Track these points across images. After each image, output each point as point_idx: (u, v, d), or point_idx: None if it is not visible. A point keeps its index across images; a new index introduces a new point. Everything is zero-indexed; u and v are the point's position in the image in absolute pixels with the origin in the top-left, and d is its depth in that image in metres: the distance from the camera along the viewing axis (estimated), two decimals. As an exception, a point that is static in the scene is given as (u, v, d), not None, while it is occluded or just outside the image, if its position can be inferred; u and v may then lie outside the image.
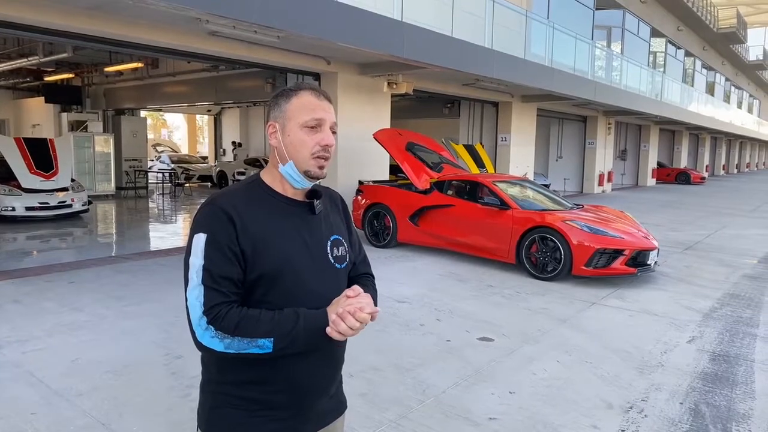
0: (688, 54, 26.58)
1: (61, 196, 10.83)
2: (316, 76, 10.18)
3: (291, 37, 7.39)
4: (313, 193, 1.42)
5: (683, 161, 30.47)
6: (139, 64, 14.11)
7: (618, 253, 6.52)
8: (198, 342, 1.24)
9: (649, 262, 6.72)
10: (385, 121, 10.84)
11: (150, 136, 30.13)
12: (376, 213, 8.73)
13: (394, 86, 10.04)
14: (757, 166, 54.62)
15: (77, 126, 16.69)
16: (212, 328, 1.22)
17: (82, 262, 7.25)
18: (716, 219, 12.99)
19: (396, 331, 4.81)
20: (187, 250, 1.28)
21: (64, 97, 17.63)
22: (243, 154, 21.27)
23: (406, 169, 8.51)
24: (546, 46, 13.10)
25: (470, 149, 13.11)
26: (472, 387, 3.73)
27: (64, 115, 17.05)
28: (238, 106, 22.43)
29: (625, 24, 19.29)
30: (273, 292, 1.29)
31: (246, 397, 1.31)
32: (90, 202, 11.69)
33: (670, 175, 27.39)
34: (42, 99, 17.46)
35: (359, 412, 3.30)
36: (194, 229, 1.29)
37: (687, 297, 6.15)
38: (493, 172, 13.18)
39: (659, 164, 27.36)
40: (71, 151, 13.32)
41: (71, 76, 16.65)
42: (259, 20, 6.49)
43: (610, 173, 21.61)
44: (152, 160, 21.68)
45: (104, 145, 15.77)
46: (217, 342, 1.22)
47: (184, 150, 32.09)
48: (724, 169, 40.50)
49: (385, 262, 7.62)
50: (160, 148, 28.44)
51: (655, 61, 22.92)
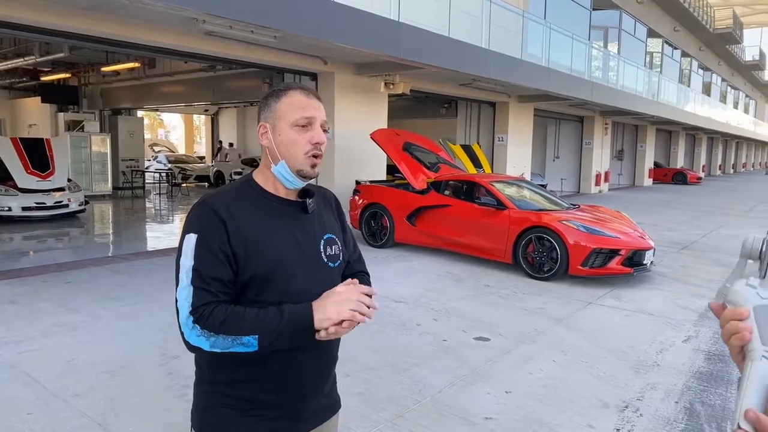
0: (684, 54, 26.67)
1: (57, 196, 10.81)
2: (313, 76, 10.18)
3: (288, 37, 7.39)
4: (306, 192, 1.42)
5: (680, 161, 30.55)
6: (136, 64, 14.08)
7: (614, 253, 6.53)
8: (186, 341, 1.25)
9: (645, 262, 6.74)
10: (382, 121, 10.85)
11: (147, 136, 30.07)
12: (373, 213, 8.73)
13: (391, 86, 10.05)
14: (753, 166, 54.79)
15: (74, 126, 16.64)
16: (198, 327, 1.22)
17: (79, 263, 7.23)
18: (712, 219, 13.03)
19: (392, 331, 4.81)
20: (179, 250, 1.29)
21: (60, 96, 17.59)
22: (234, 154, 21.21)
23: (403, 169, 8.51)
24: (543, 47, 13.12)
25: (467, 149, 13.12)
26: (469, 387, 3.74)
27: (61, 115, 17.00)
28: (235, 107, 22.42)
29: (622, 24, 19.36)
30: (266, 292, 1.29)
31: (238, 396, 1.31)
32: (87, 202, 11.66)
33: (667, 175, 27.46)
34: (38, 99, 17.42)
35: (356, 411, 3.30)
36: (185, 229, 1.29)
37: (683, 297, 6.17)
38: (490, 172, 13.20)
39: (656, 164, 27.43)
40: (68, 151, 13.30)
41: (68, 75, 16.61)
42: (255, 20, 6.50)
43: (606, 173, 21.65)
44: (149, 160, 21.65)
45: (101, 145, 15.75)
46: (203, 341, 1.22)
47: (181, 150, 32.04)
48: (720, 169, 40.62)
49: (382, 262, 7.63)
50: (157, 148, 28.41)
51: (651, 61, 22.99)
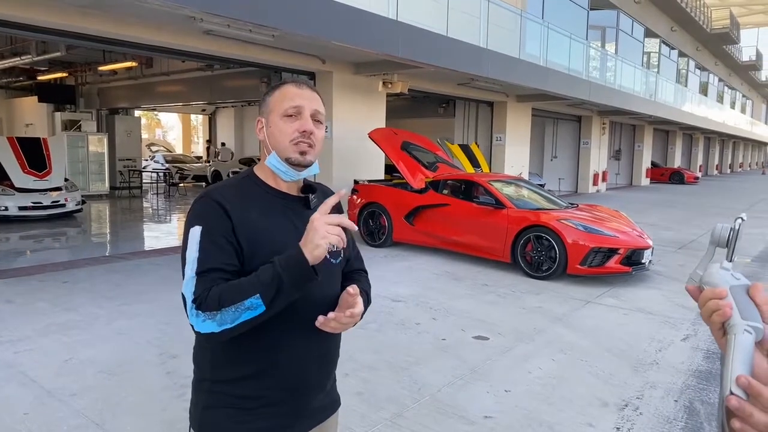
0: (681, 54, 26.72)
1: (54, 195, 10.77)
2: (311, 75, 10.16)
3: (286, 36, 7.37)
4: (308, 188, 1.41)
5: (677, 161, 30.61)
6: (133, 64, 14.04)
7: (613, 251, 6.53)
8: (197, 332, 1.21)
9: (643, 261, 6.74)
10: (380, 121, 10.83)
11: (144, 135, 29.98)
12: (371, 212, 8.72)
13: (389, 86, 10.03)
14: (750, 166, 54.94)
15: (71, 125, 16.59)
16: (201, 312, 1.18)
17: (76, 262, 7.20)
18: (709, 218, 13.05)
19: (391, 330, 4.80)
20: (184, 245, 1.27)
21: (57, 96, 17.53)
22: (227, 153, 21.16)
23: (402, 168, 8.50)
24: (541, 46, 13.13)
25: (465, 149, 13.12)
26: (468, 386, 3.73)
27: (58, 114, 16.94)
28: (232, 106, 22.35)
29: (619, 24, 19.38)
30: None
31: (241, 395, 1.30)
32: (83, 202, 11.63)
33: (664, 175, 27.51)
34: (35, 98, 17.35)
35: (355, 411, 3.29)
36: (189, 222, 1.27)
37: (681, 295, 6.16)
38: (488, 171, 13.19)
39: (653, 164, 27.47)
40: (65, 150, 13.27)
41: (65, 75, 16.55)
42: (253, 19, 6.48)
43: (604, 173, 21.68)
44: (146, 160, 21.59)
45: (98, 144, 15.71)
46: (210, 324, 1.18)
47: (179, 150, 31.97)
48: (717, 168, 40.72)
49: (380, 262, 7.61)
50: (154, 148, 28.34)
51: (649, 61, 23.03)
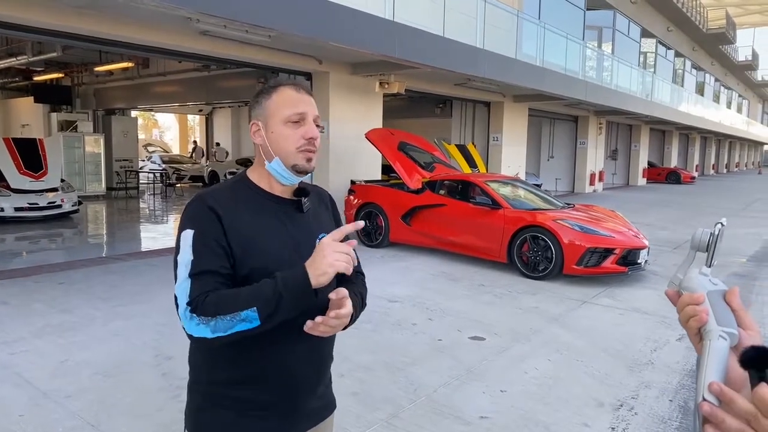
0: (678, 54, 26.79)
1: (50, 196, 10.74)
2: (308, 75, 10.15)
3: (282, 36, 7.37)
4: (301, 191, 1.41)
5: (673, 161, 30.69)
6: (130, 64, 14.01)
7: (609, 252, 6.55)
8: (189, 335, 1.21)
9: (639, 261, 6.76)
10: (377, 121, 10.84)
11: (141, 136, 29.92)
12: (368, 213, 8.72)
13: (386, 86, 10.03)
14: (746, 166, 55.12)
15: (67, 126, 16.55)
16: (195, 316, 1.18)
17: (72, 263, 7.19)
18: (706, 218, 13.08)
19: (388, 331, 4.81)
20: (176, 248, 1.27)
21: (53, 96, 17.48)
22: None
23: (398, 168, 8.51)
24: (537, 46, 13.15)
25: (462, 149, 13.13)
26: (464, 386, 3.74)
27: (54, 115, 16.90)
28: (229, 106, 22.34)
29: (616, 24, 19.42)
30: None
31: (237, 397, 1.30)
32: (80, 203, 11.60)
33: (661, 175, 27.58)
34: (31, 99, 17.29)
35: (351, 411, 3.29)
36: (182, 226, 1.28)
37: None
38: (485, 171, 13.21)
39: (650, 164, 27.54)
40: (61, 151, 13.24)
41: (61, 75, 16.50)
42: (250, 20, 6.47)
43: (601, 173, 21.72)
44: (143, 161, 21.55)
45: (94, 145, 15.67)
46: (203, 329, 1.18)
47: (176, 150, 31.91)
48: (713, 168, 40.82)
49: (377, 262, 7.62)
50: (151, 149, 28.27)
51: (645, 61, 23.08)
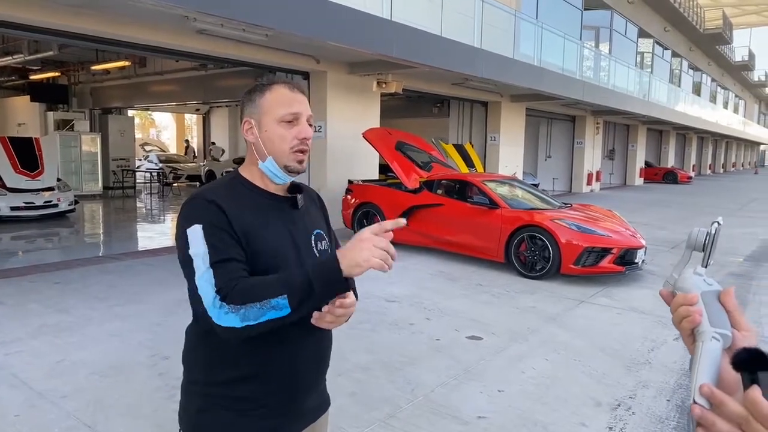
0: (674, 54, 26.85)
1: (46, 195, 10.70)
2: (305, 75, 10.14)
3: (279, 35, 7.35)
4: (295, 187, 1.42)
5: (670, 161, 30.76)
6: (126, 63, 13.97)
7: (606, 251, 6.55)
8: (217, 325, 1.17)
9: (636, 261, 6.76)
10: (374, 121, 10.82)
11: (138, 135, 29.86)
12: (365, 212, 8.71)
13: (384, 85, 10.02)
14: (742, 166, 55.28)
15: (63, 125, 16.48)
16: (225, 305, 1.15)
17: (68, 263, 7.16)
18: (702, 218, 13.10)
19: (385, 331, 4.80)
20: (184, 246, 1.23)
21: (49, 95, 17.42)
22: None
23: (396, 168, 8.50)
24: (535, 46, 13.16)
25: (460, 149, 13.14)
26: (461, 386, 3.73)
27: (50, 114, 16.84)
28: (227, 106, 22.28)
29: (613, 24, 19.46)
30: None
31: (236, 396, 1.29)
32: (76, 202, 11.56)
33: (658, 175, 27.64)
34: (27, 98, 17.22)
35: (348, 411, 3.28)
36: (185, 223, 1.24)
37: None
38: (483, 171, 13.21)
39: (647, 164, 27.59)
40: (57, 150, 13.19)
41: (57, 74, 16.44)
42: (247, 18, 6.45)
43: (598, 173, 21.75)
44: (140, 160, 21.49)
45: (91, 144, 15.61)
46: (233, 317, 1.15)
47: (173, 149, 31.85)
48: (710, 168, 40.93)
49: (374, 262, 7.60)
50: (148, 148, 28.22)
51: (642, 61, 23.13)
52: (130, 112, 22.13)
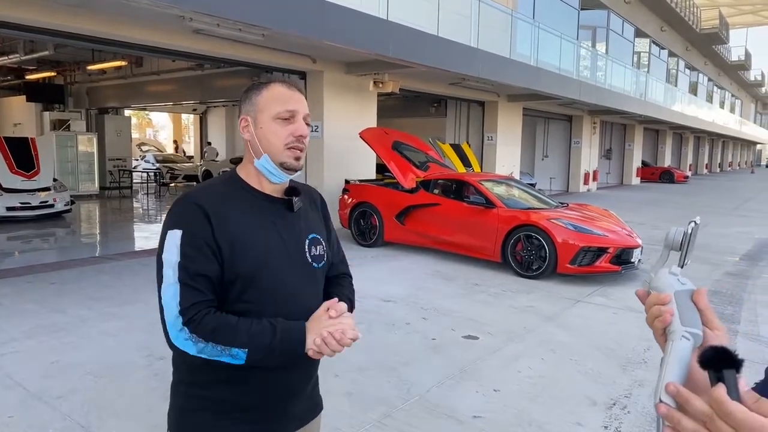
0: (671, 54, 26.90)
1: (42, 195, 10.67)
2: (302, 74, 10.13)
3: (276, 35, 7.34)
4: (292, 190, 1.39)
5: (667, 160, 30.83)
6: (123, 63, 13.94)
7: (602, 251, 6.56)
8: (171, 343, 1.20)
9: (633, 260, 6.77)
10: (371, 120, 10.82)
11: (136, 135, 29.80)
12: (362, 212, 8.70)
13: (380, 85, 10.01)
14: (739, 165, 55.43)
15: (60, 125, 16.45)
16: (187, 330, 1.18)
17: (64, 263, 7.14)
18: (699, 217, 13.12)
19: (381, 330, 4.79)
20: (160, 246, 1.24)
21: (46, 95, 17.38)
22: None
23: (393, 168, 8.50)
24: (532, 46, 13.17)
25: (457, 148, 13.14)
26: (457, 385, 3.73)
27: (46, 114, 16.80)
28: (223, 105, 22.27)
29: (610, 24, 19.48)
30: (250, 291, 1.26)
31: (217, 398, 1.28)
32: (72, 202, 11.52)
33: (655, 174, 27.70)
34: (23, 97, 17.18)
35: (343, 411, 3.28)
36: (168, 225, 1.25)
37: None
38: (480, 171, 13.21)
39: (644, 163, 27.65)
40: (53, 150, 13.15)
41: (53, 74, 16.41)
42: (242, 18, 6.44)
43: (595, 172, 21.78)
44: (137, 160, 21.45)
45: (87, 144, 15.59)
46: (190, 345, 1.18)
47: (170, 149, 31.77)
48: (707, 168, 41.03)
49: (371, 261, 7.61)
50: (145, 148, 28.16)
51: (639, 61, 23.17)
52: (127, 112, 22.08)
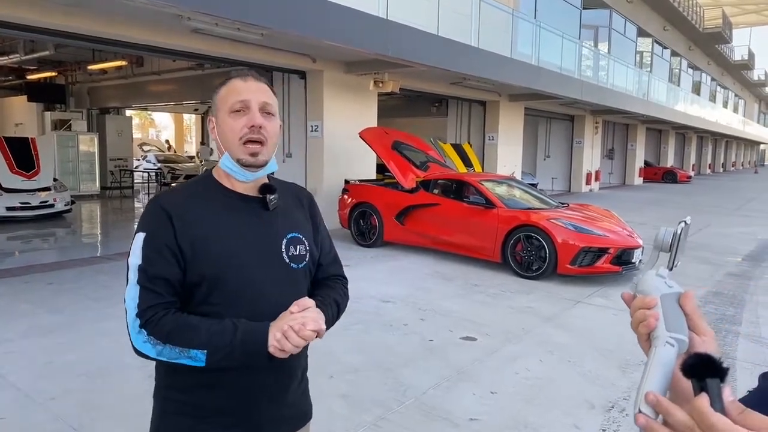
0: (674, 54, 26.80)
1: (42, 195, 10.67)
2: (302, 74, 10.11)
3: (275, 34, 7.32)
4: (267, 187, 1.34)
5: (670, 160, 30.72)
6: (123, 63, 13.93)
7: (603, 251, 6.51)
8: (132, 345, 1.19)
9: (633, 261, 6.72)
10: (371, 120, 10.78)
11: (138, 135, 29.82)
12: (362, 212, 8.67)
13: (380, 85, 9.98)
14: (742, 165, 55.23)
15: (61, 125, 16.46)
16: (144, 332, 1.17)
17: (63, 263, 7.13)
18: (701, 217, 13.07)
19: (379, 331, 4.76)
20: (130, 250, 1.24)
21: (47, 95, 17.39)
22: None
23: (393, 168, 8.46)
24: (533, 45, 13.12)
25: (458, 148, 13.11)
26: (454, 387, 3.69)
27: (48, 114, 16.81)
28: (224, 105, 22.27)
29: (612, 23, 19.41)
30: (216, 293, 1.23)
31: (193, 402, 1.26)
32: (73, 202, 11.52)
33: (657, 174, 27.60)
34: (24, 97, 17.20)
35: (338, 413, 3.25)
36: (137, 228, 1.25)
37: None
38: (481, 171, 13.17)
39: (646, 163, 27.56)
40: (54, 150, 13.15)
41: (54, 74, 16.40)
42: (241, 17, 6.42)
43: (597, 172, 21.71)
44: (138, 160, 21.47)
45: (89, 144, 15.58)
46: (149, 347, 1.17)
47: (166, 149, 31.81)
48: (710, 168, 40.89)
49: (370, 262, 7.57)
50: (146, 148, 28.20)
51: (641, 60, 23.08)
52: (128, 112, 22.09)
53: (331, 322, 1.33)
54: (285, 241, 1.32)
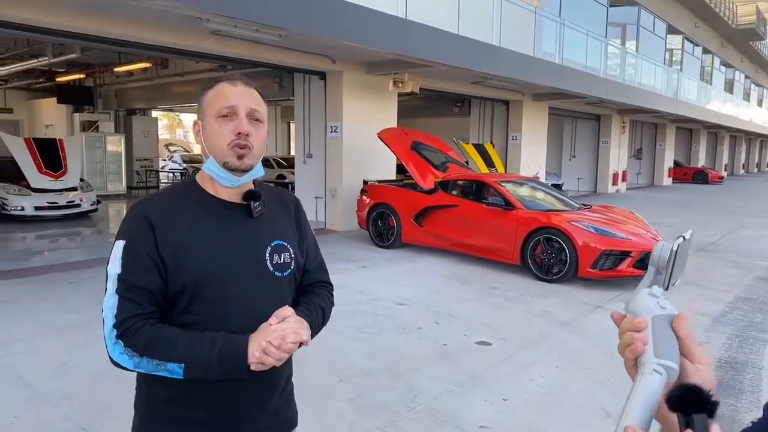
0: (705, 51, 26.07)
1: (69, 195, 10.89)
2: (322, 75, 10.12)
3: (293, 35, 7.33)
4: (251, 194, 1.30)
5: (701, 160, 29.91)
6: (148, 65, 14.16)
7: (625, 254, 6.33)
8: (109, 356, 1.17)
9: (657, 264, 6.52)
10: (391, 120, 10.73)
11: (166, 136, 30.35)
12: (380, 213, 8.62)
13: (400, 85, 9.92)
14: (778, 165, 53.47)
15: (89, 126, 16.83)
16: (121, 343, 1.14)
17: (85, 262, 7.25)
18: (732, 219, 12.66)
19: (392, 335, 4.70)
20: (109, 258, 1.21)
21: (76, 97, 17.79)
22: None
23: (411, 168, 8.40)
24: (557, 44, 12.89)
25: (480, 148, 12.95)
26: (466, 394, 3.62)
27: (77, 115, 17.19)
28: (247, 106, 22.48)
29: (641, 21, 18.97)
30: (198, 303, 1.20)
31: (173, 412, 1.24)
32: (99, 202, 11.74)
33: (687, 175, 26.91)
34: (55, 99, 17.64)
35: (344, 418, 3.20)
36: (116, 235, 1.23)
37: (696, 301, 5.95)
38: (503, 171, 13.00)
39: (676, 163, 26.89)
40: (81, 150, 13.43)
41: (83, 76, 16.78)
42: (259, 18, 6.44)
43: (624, 172, 21.26)
44: (164, 160, 21.83)
45: (116, 145, 15.92)
46: (126, 359, 1.14)
47: (197, 150, 32.29)
48: (743, 168, 39.71)
49: (388, 263, 7.52)
50: (172, 148, 28.68)
51: (671, 58, 22.52)
52: (154, 113, 22.47)
53: (317, 330, 1.31)
54: (269, 249, 1.29)
